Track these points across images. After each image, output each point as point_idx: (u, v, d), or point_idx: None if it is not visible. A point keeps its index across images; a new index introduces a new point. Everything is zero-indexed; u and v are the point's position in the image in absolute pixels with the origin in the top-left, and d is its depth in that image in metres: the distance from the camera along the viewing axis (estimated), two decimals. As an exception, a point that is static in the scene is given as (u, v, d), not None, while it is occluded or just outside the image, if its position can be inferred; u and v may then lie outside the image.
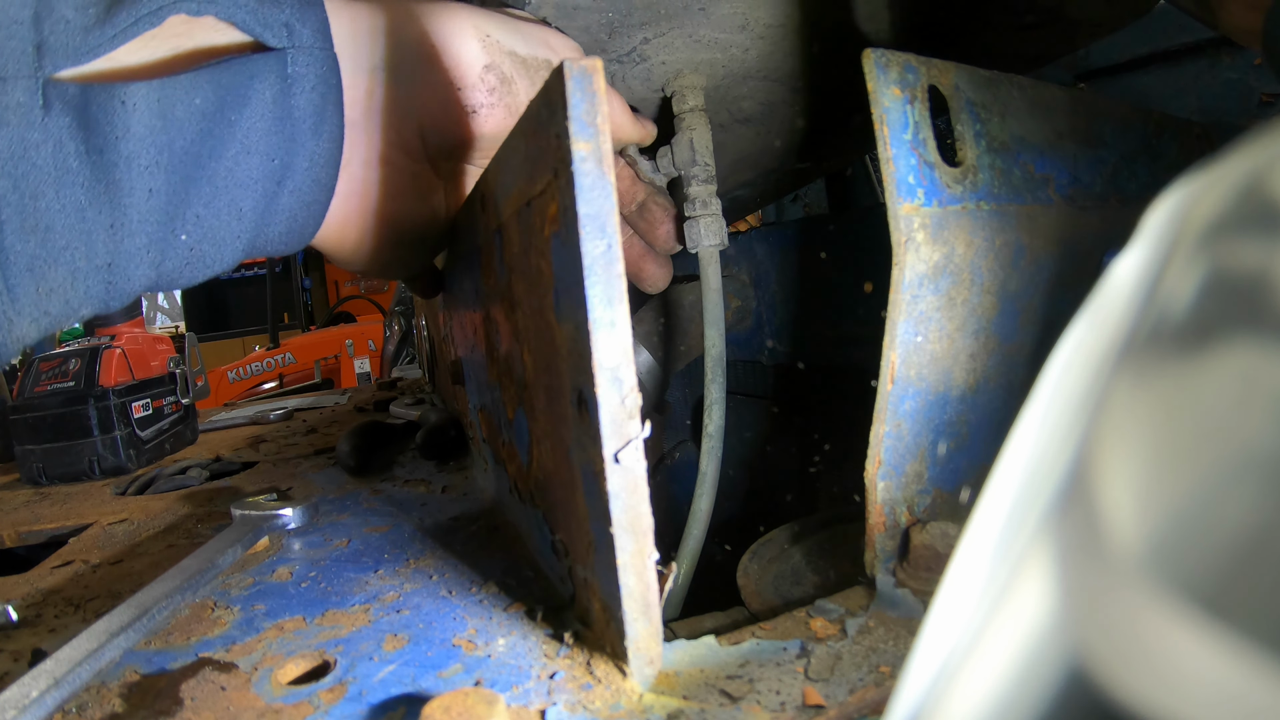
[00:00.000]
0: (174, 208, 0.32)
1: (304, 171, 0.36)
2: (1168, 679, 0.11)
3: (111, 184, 0.30)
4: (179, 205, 0.33)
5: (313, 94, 0.35)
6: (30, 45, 0.28)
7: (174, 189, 0.32)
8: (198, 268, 0.35)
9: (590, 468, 0.29)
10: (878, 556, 0.35)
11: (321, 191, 0.38)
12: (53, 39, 0.29)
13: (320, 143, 0.36)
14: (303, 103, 0.35)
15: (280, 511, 0.52)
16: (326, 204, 0.38)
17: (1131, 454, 0.13)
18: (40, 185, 0.28)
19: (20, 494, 0.86)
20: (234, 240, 0.35)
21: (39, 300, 0.30)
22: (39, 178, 0.28)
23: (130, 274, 0.32)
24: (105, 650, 0.34)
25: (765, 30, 0.47)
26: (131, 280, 0.33)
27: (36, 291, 0.29)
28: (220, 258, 0.36)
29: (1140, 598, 0.12)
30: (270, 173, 0.35)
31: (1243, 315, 0.12)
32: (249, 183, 0.35)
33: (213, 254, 0.35)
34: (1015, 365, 0.39)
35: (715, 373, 0.50)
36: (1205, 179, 0.14)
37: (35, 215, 0.29)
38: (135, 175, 0.30)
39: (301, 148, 0.36)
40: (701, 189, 0.51)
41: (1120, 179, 0.46)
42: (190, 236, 0.34)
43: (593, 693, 0.29)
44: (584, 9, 0.43)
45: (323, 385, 3.17)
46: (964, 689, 0.14)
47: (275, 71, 0.34)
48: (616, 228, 0.26)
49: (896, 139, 0.34)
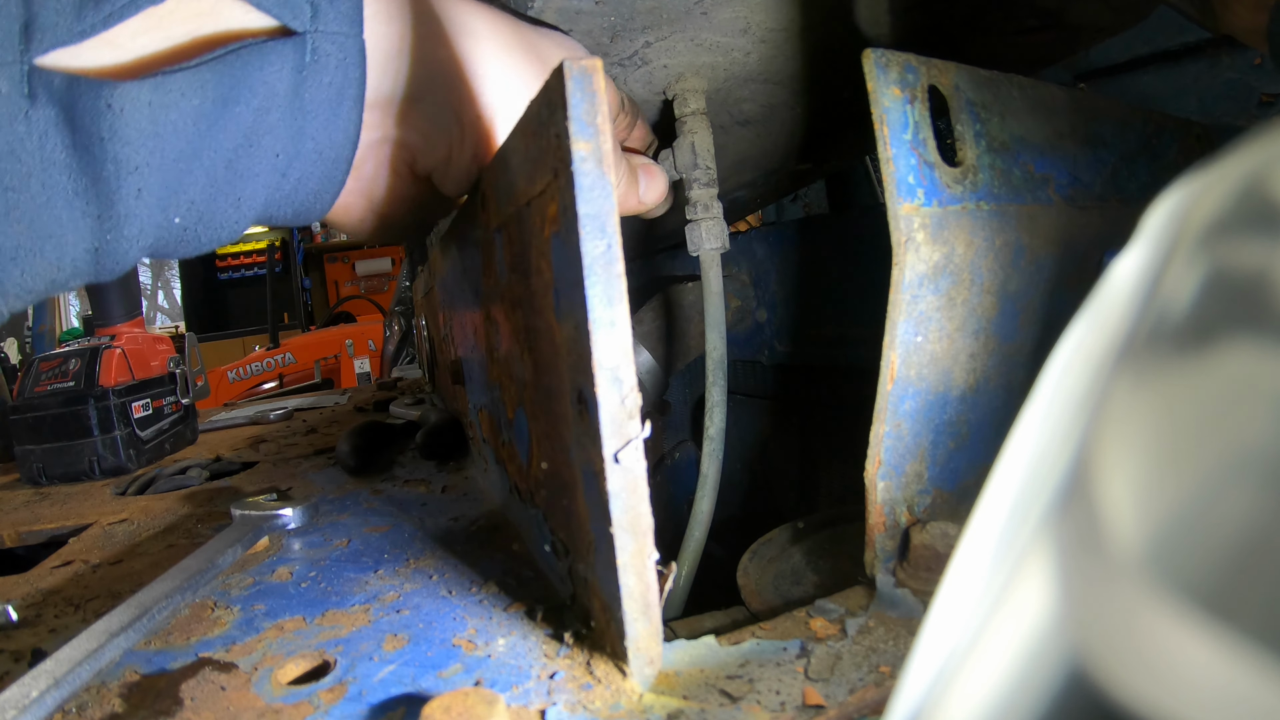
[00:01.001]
0: (166, 200, 0.31)
1: (312, 165, 0.34)
2: (1167, 679, 0.11)
3: (99, 180, 0.29)
4: (171, 196, 0.31)
5: (329, 89, 0.33)
6: (18, 24, 0.27)
7: (166, 185, 0.31)
8: (193, 245, 0.33)
9: (590, 468, 0.29)
10: (878, 556, 0.35)
11: (329, 185, 0.36)
12: (43, 16, 0.27)
13: (333, 137, 0.34)
14: (318, 96, 0.33)
15: (280, 511, 0.52)
16: (334, 196, 0.37)
17: (1131, 454, 0.13)
18: (25, 178, 0.28)
19: (20, 494, 0.86)
20: (232, 224, 0.34)
21: (23, 282, 0.29)
22: (24, 170, 0.27)
23: (119, 256, 0.31)
24: (105, 650, 0.34)
25: (767, 34, 0.47)
26: (121, 261, 0.31)
27: (21, 276, 0.29)
28: (217, 238, 0.34)
29: (1140, 598, 0.12)
30: (274, 167, 0.33)
31: (1243, 315, 0.12)
32: (249, 176, 0.33)
33: (208, 235, 0.33)
34: (1015, 365, 0.39)
35: (716, 375, 0.50)
36: (1205, 179, 0.14)
37: (20, 207, 0.28)
38: (123, 177, 0.29)
39: (311, 141, 0.33)
40: (703, 192, 0.51)
41: (1120, 179, 0.46)
42: (184, 220, 0.32)
43: (593, 693, 0.29)
44: (586, 13, 0.43)
45: (323, 385, 3.17)
46: (964, 689, 0.14)
47: (291, 63, 0.31)
48: (617, 228, 0.26)
49: (896, 139, 0.34)
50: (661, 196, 0.48)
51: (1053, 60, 0.64)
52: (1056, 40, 0.57)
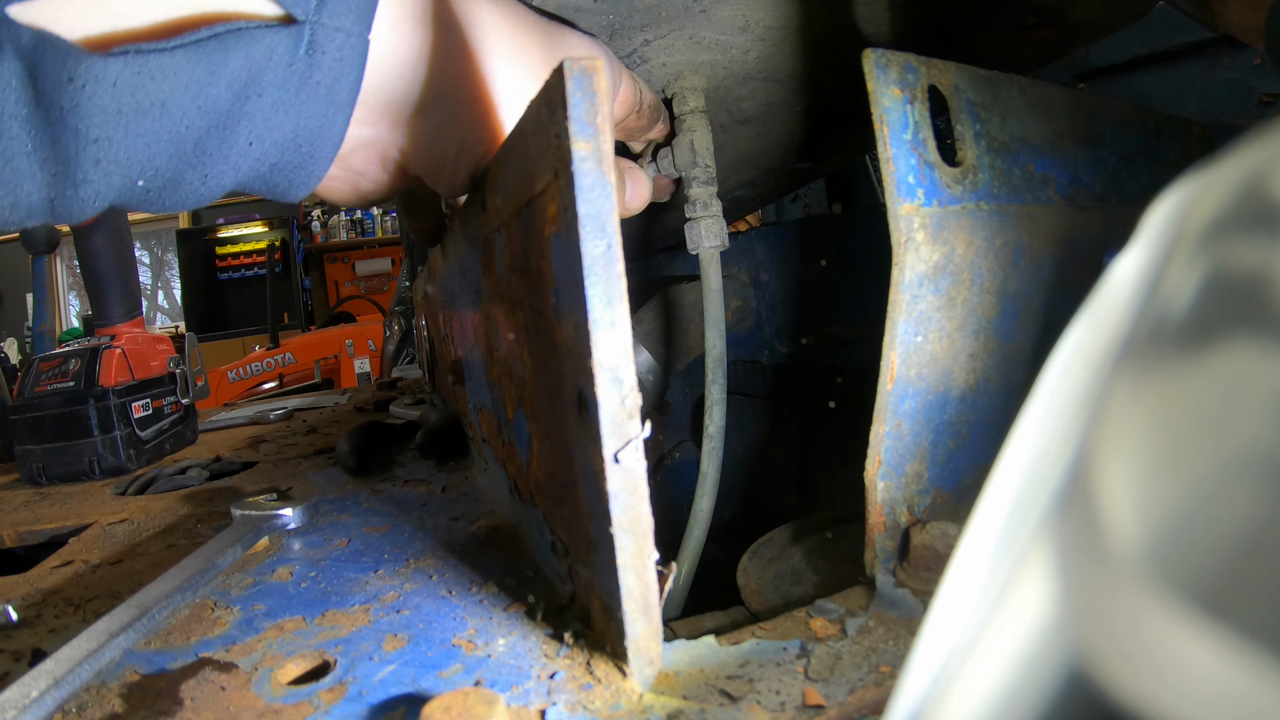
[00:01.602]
0: (128, 168, 0.30)
1: (288, 156, 0.33)
2: (1168, 678, 0.11)
3: (57, 144, 0.28)
4: (134, 166, 0.30)
5: (318, 87, 0.31)
6: None
7: (128, 156, 0.29)
8: (158, 206, 0.32)
9: (590, 467, 0.29)
10: (877, 556, 0.35)
11: (305, 177, 0.34)
12: None
13: (316, 135, 0.33)
14: (307, 93, 0.31)
15: (280, 511, 0.52)
16: (312, 185, 0.35)
17: (1131, 453, 0.13)
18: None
19: (20, 494, 0.86)
20: (198, 195, 0.32)
21: None
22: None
23: (76, 210, 0.30)
24: (105, 650, 0.34)
25: (765, 32, 0.47)
26: (78, 214, 0.30)
27: None
28: (183, 204, 0.32)
29: (1140, 597, 0.12)
30: (247, 154, 0.32)
31: (1243, 315, 0.12)
32: (220, 157, 0.31)
33: (174, 200, 0.32)
34: (1015, 365, 0.39)
35: (716, 374, 0.50)
36: (1205, 179, 0.14)
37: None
38: (82, 147, 0.28)
39: (291, 134, 0.32)
40: (702, 190, 0.51)
41: (1120, 179, 0.46)
42: (149, 184, 0.31)
43: (593, 693, 0.29)
44: (585, 10, 0.43)
45: (323, 385, 3.17)
46: (964, 688, 0.14)
47: (283, 53, 0.30)
48: (617, 228, 0.26)
49: (896, 139, 0.34)
50: (646, 201, 0.48)
51: (1053, 58, 0.64)
52: (1056, 37, 0.57)
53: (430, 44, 0.35)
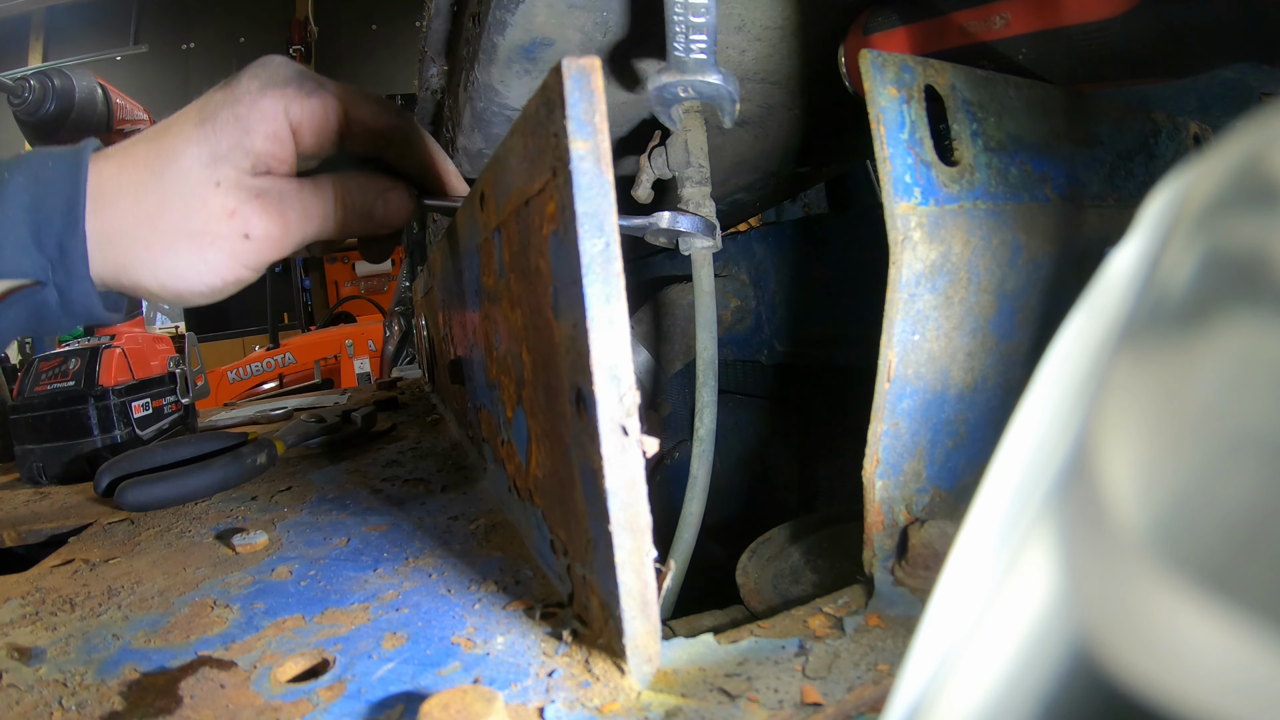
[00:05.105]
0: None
1: None
2: (1172, 656, 0.11)
3: None
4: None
5: None
6: None
7: None
8: None
9: (588, 465, 0.29)
10: (876, 555, 0.35)
11: None
12: None
13: None
14: None
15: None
16: None
17: (1133, 434, 0.13)
18: None
19: (20, 494, 0.86)
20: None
21: None
22: None
23: None
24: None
25: (762, 32, 0.47)
26: None
27: None
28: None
29: (1144, 576, 0.12)
30: None
31: (1241, 291, 0.12)
32: None
33: None
34: (1013, 364, 0.39)
35: (707, 376, 0.50)
36: (1202, 165, 0.14)
37: None
38: None
39: None
40: (695, 190, 0.51)
41: (1117, 178, 0.46)
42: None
43: (591, 690, 0.29)
44: (579, 8, 0.43)
45: (323, 385, 3.17)
46: (969, 669, 0.14)
47: None
48: (615, 226, 0.27)
49: (893, 138, 0.34)
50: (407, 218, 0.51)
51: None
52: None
53: None
